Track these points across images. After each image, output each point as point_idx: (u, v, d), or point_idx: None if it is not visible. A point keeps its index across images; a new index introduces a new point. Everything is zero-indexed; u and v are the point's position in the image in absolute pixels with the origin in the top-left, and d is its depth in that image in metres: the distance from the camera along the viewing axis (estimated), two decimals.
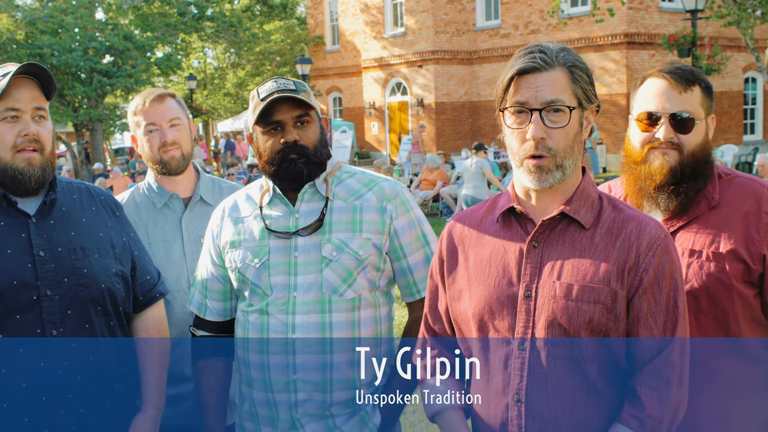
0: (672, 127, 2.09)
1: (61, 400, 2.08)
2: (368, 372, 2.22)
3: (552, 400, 1.78)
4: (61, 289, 2.11)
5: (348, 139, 23.19)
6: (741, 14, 16.36)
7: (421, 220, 2.31)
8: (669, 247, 1.79)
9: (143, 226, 2.72)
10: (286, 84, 2.18)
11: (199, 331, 2.38)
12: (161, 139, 2.72)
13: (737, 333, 2.06)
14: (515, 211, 1.89)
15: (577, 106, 1.79)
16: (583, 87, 1.80)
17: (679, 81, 2.09)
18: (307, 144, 2.18)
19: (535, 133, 1.77)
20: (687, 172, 2.09)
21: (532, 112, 1.77)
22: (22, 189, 2.12)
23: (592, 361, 1.77)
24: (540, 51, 1.79)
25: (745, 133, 25.79)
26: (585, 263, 1.79)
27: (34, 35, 22.91)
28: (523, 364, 1.81)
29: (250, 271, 2.22)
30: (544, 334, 1.79)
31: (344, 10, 31.51)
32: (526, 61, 1.78)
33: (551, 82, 1.77)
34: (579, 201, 1.84)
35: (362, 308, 2.21)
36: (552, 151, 1.78)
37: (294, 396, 2.17)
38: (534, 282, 1.82)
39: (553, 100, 1.76)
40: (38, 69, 2.11)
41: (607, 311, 1.76)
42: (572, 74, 1.79)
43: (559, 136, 1.78)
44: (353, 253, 2.17)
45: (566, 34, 23.17)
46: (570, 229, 1.83)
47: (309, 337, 2.16)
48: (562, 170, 1.80)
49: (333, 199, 2.23)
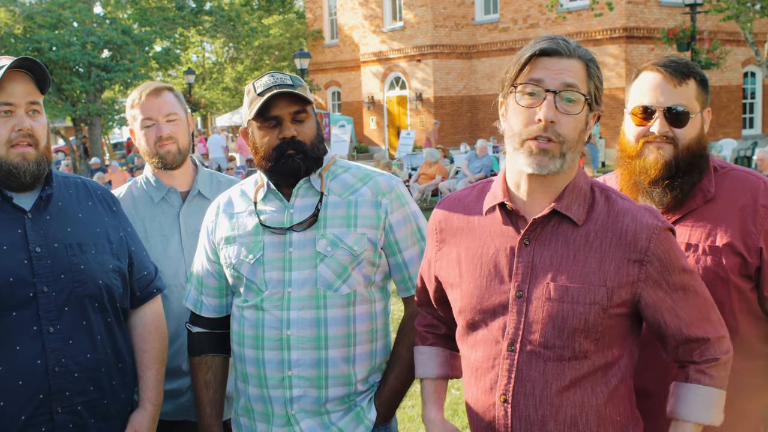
0: (667, 121, 2.08)
1: (58, 397, 2.07)
2: (364, 367, 2.22)
3: (539, 401, 1.76)
4: (58, 286, 2.09)
5: (347, 133, 23.16)
6: (740, 8, 16.34)
7: (417, 215, 2.28)
8: (667, 234, 1.77)
9: (140, 220, 2.71)
10: (284, 79, 2.15)
11: (195, 327, 2.36)
12: (157, 133, 2.70)
13: (734, 327, 2.05)
14: (507, 206, 1.83)
15: (588, 101, 1.75)
16: (596, 85, 1.76)
17: (673, 74, 2.07)
18: (304, 139, 2.16)
19: (547, 114, 1.69)
20: (682, 166, 2.08)
21: (546, 93, 1.71)
22: (17, 184, 2.09)
23: (583, 360, 1.74)
24: (563, 39, 1.75)
25: (744, 128, 25.78)
26: (579, 263, 1.74)
27: (32, 29, 22.87)
28: (512, 366, 1.78)
29: (245, 267, 2.20)
30: (536, 337, 1.75)
31: (343, 4, 31.45)
32: (550, 43, 1.73)
33: (571, 69, 1.72)
34: (570, 196, 1.78)
35: (357, 304, 2.18)
36: (560, 137, 1.71)
37: (289, 392, 2.16)
38: (526, 282, 1.78)
39: (572, 84, 1.71)
40: (32, 63, 2.08)
41: (603, 311, 1.72)
42: (589, 69, 1.75)
43: (569, 124, 1.72)
44: (348, 249, 2.15)
45: (565, 28, 23.13)
46: (562, 226, 1.78)
47: (304, 332, 2.14)
48: (563, 160, 1.73)
49: (328, 194, 2.21)
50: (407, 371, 2.23)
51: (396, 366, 2.25)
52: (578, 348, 1.74)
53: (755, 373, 2.10)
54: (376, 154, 19.41)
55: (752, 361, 2.09)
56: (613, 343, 1.77)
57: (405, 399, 2.43)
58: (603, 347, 1.76)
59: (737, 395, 2.07)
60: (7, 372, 2.01)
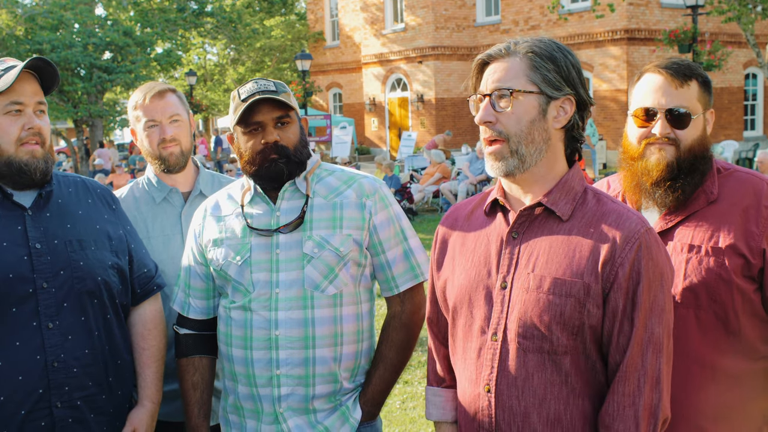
0: (668, 123, 2.08)
1: (58, 392, 2.09)
2: (349, 367, 2.26)
3: (521, 393, 1.77)
4: (57, 282, 2.11)
5: (348, 135, 23.16)
6: (741, 10, 16.35)
7: (400, 216, 2.33)
8: (649, 242, 1.72)
9: (142, 220, 2.72)
10: (267, 85, 2.21)
11: (183, 329, 2.39)
12: (161, 135, 2.71)
13: (737, 328, 2.05)
14: (499, 202, 1.90)
15: (535, 92, 1.77)
16: (543, 74, 1.77)
17: (675, 76, 2.08)
18: (287, 144, 2.21)
19: (480, 117, 1.82)
20: (684, 168, 2.08)
21: (483, 97, 1.82)
22: (27, 181, 2.13)
23: (564, 356, 1.74)
24: (506, 43, 1.84)
25: (745, 129, 25.77)
26: (559, 255, 1.76)
27: (33, 31, 22.90)
28: (494, 356, 1.81)
29: (232, 269, 2.24)
30: (516, 327, 1.77)
31: (344, 6, 31.48)
32: (489, 51, 1.85)
33: (503, 70, 1.80)
34: (559, 192, 1.81)
35: (344, 304, 2.23)
36: (503, 134, 1.79)
37: (277, 390, 2.19)
38: (510, 273, 1.81)
39: (498, 87, 1.79)
40: (44, 64, 2.13)
41: (579, 305, 1.72)
42: (531, 62, 1.78)
43: (507, 120, 1.78)
44: (334, 250, 2.19)
45: (566, 30, 23.15)
46: (549, 220, 1.81)
47: (292, 332, 2.18)
48: (519, 157, 1.79)
49: (313, 196, 2.26)
50: (390, 371, 2.30)
51: (380, 366, 2.30)
52: (556, 341, 1.74)
53: (758, 374, 2.09)
54: (377, 156, 19.41)
55: (755, 362, 2.09)
56: (596, 342, 1.75)
57: (406, 400, 2.44)
58: (583, 344, 1.74)
59: (740, 397, 2.07)
60: (6, 367, 2.03)
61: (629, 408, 1.69)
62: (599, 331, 1.74)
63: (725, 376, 2.06)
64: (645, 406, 1.70)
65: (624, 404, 1.69)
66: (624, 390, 1.70)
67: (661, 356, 1.72)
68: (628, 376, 1.70)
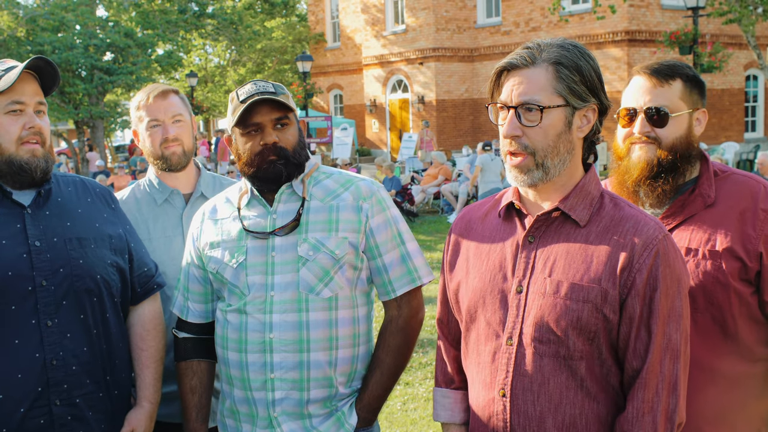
0: (648, 121, 2.11)
1: (57, 390, 2.09)
2: (345, 371, 2.24)
3: (537, 397, 1.77)
4: (57, 280, 2.11)
5: (349, 136, 23.16)
6: (742, 11, 16.35)
7: (397, 219, 2.31)
8: (667, 249, 1.73)
9: (144, 222, 2.73)
10: (265, 86, 2.20)
11: (181, 333, 2.38)
12: (163, 135, 2.72)
13: (734, 331, 2.06)
14: (515, 206, 1.89)
15: (562, 105, 1.76)
16: (569, 86, 1.75)
17: (655, 75, 2.11)
18: (286, 146, 2.20)
19: (506, 131, 1.79)
20: (665, 166, 2.10)
21: (509, 109, 1.78)
22: (28, 179, 2.14)
23: (580, 361, 1.74)
24: (528, 48, 1.79)
25: (746, 131, 25.76)
26: (577, 261, 1.76)
27: (35, 32, 22.92)
28: (510, 360, 1.80)
29: (228, 271, 2.23)
30: (532, 331, 1.77)
31: (345, 8, 31.50)
32: (511, 57, 1.80)
33: (529, 80, 1.76)
34: (576, 198, 1.81)
35: (340, 308, 2.21)
36: (529, 148, 1.77)
37: (272, 394, 2.18)
38: (526, 277, 1.81)
39: (526, 101, 1.75)
40: (44, 63, 2.15)
41: (596, 311, 1.72)
42: (558, 73, 1.75)
43: (535, 135, 1.76)
44: (329, 252, 2.18)
45: (567, 32, 23.14)
46: (566, 225, 1.81)
47: (286, 335, 2.17)
48: (544, 169, 1.78)
49: (310, 199, 2.25)
50: (388, 376, 2.27)
51: (376, 371, 2.27)
52: (572, 346, 1.74)
53: (756, 377, 2.10)
54: (378, 157, 19.42)
55: (753, 365, 2.09)
56: (611, 348, 1.76)
57: (407, 402, 2.44)
58: (599, 350, 1.75)
59: (739, 399, 2.07)
60: (5, 365, 2.03)
61: (648, 414, 1.70)
62: (615, 337, 1.74)
63: (723, 378, 2.07)
64: (662, 412, 1.70)
65: (643, 410, 1.70)
66: (644, 396, 1.70)
67: (678, 362, 1.72)
68: (647, 382, 1.70)
